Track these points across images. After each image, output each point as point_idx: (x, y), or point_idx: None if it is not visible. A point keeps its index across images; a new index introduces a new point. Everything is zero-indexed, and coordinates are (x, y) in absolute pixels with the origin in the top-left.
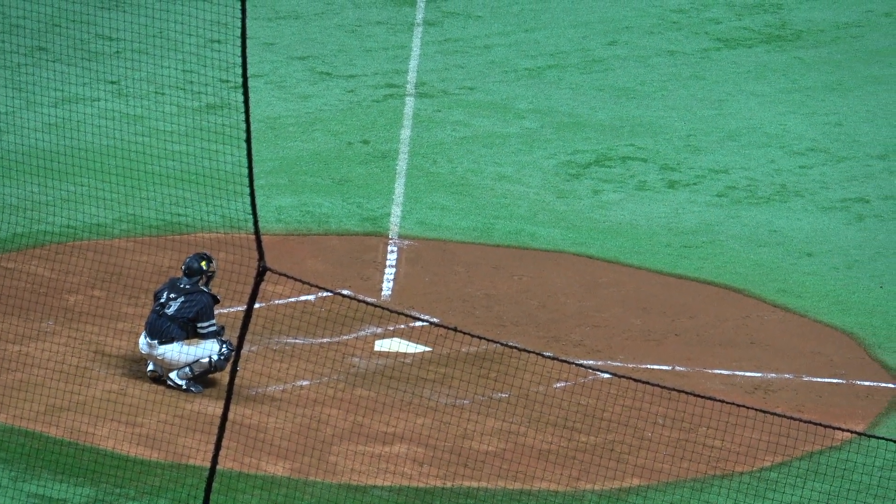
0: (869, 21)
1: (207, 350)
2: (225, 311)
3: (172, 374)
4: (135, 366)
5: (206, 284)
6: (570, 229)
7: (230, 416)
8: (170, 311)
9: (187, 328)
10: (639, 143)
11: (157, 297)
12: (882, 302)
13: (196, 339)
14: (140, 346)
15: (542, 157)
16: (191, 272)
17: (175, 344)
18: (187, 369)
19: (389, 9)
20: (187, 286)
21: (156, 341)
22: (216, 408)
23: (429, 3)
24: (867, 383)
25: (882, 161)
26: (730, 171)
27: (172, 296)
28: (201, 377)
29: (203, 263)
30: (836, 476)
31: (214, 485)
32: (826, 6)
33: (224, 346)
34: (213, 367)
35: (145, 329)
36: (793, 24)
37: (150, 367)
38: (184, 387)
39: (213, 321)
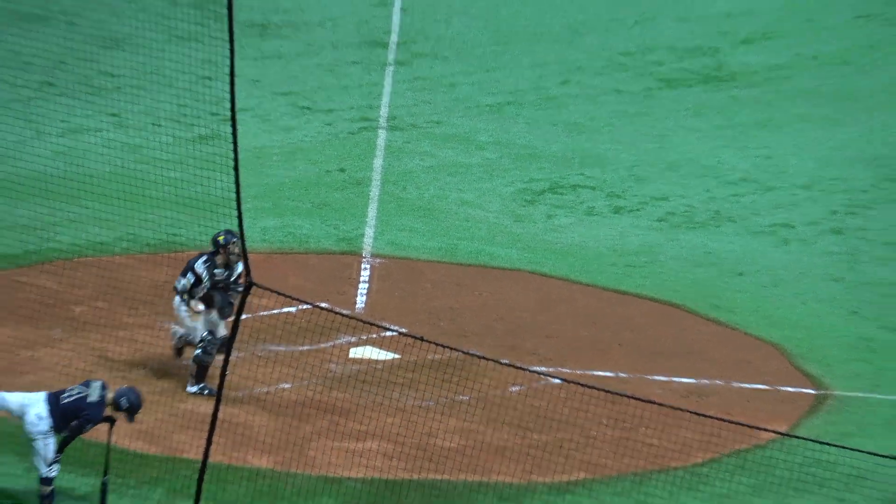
0: (798, 63)
1: (198, 332)
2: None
3: (188, 389)
4: (134, 370)
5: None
6: (525, 250)
7: (220, 415)
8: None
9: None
10: (588, 173)
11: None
12: (805, 317)
13: (200, 315)
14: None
15: (500, 184)
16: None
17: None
18: (191, 378)
19: (364, 50)
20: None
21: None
22: (207, 407)
23: (400, 45)
24: (790, 389)
25: (806, 190)
26: (669, 198)
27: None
28: (201, 376)
29: (221, 238)
30: (760, 471)
31: (206, 476)
32: (759, 50)
33: (208, 338)
34: (200, 357)
35: None
36: (728, 67)
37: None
38: (198, 392)
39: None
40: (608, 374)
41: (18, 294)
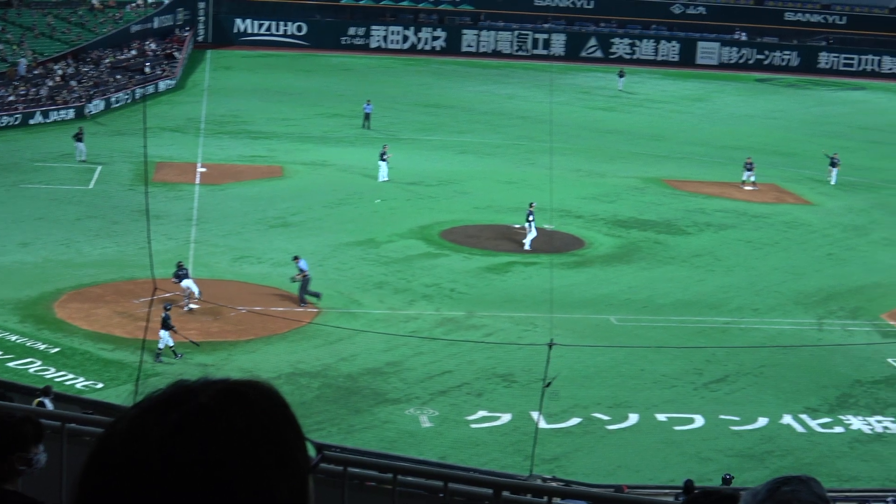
0: None
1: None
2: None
3: (187, 307)
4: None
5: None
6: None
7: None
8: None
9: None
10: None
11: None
12: (330, 282)
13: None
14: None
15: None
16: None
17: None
18: (186, 301)
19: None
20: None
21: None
22: (177, 318)
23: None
24: (314, 310)
25: (322, 256)
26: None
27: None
28: (189, 302)
29: (179, 263)
30: (306, 334)
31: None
32: None
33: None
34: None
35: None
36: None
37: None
38: (187, 311)
39: None
40: (281, 309)
41: (115, 287)
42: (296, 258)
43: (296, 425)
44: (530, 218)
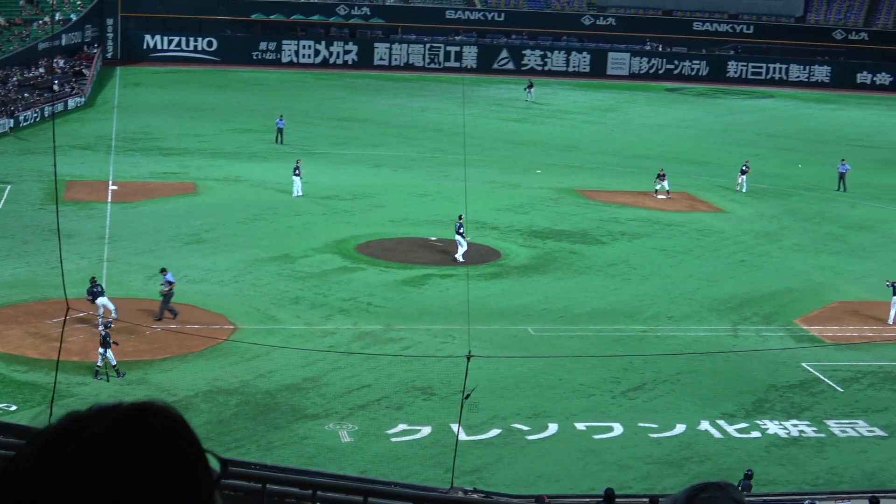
0: None
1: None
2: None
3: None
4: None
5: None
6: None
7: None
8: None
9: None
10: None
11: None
12: (236, 303)
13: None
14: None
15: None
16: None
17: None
18: (100, 318)
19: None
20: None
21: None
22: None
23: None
24: (233, 327)
25: (239, 275)
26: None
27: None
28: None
29: (92, 278)
30: (223, 351)
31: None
32: None
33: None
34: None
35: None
36: None
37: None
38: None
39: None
40: (197, 326)
41: (27, 308)
42: (163, 270)
43: (194, 441)
44: (461, 231)
